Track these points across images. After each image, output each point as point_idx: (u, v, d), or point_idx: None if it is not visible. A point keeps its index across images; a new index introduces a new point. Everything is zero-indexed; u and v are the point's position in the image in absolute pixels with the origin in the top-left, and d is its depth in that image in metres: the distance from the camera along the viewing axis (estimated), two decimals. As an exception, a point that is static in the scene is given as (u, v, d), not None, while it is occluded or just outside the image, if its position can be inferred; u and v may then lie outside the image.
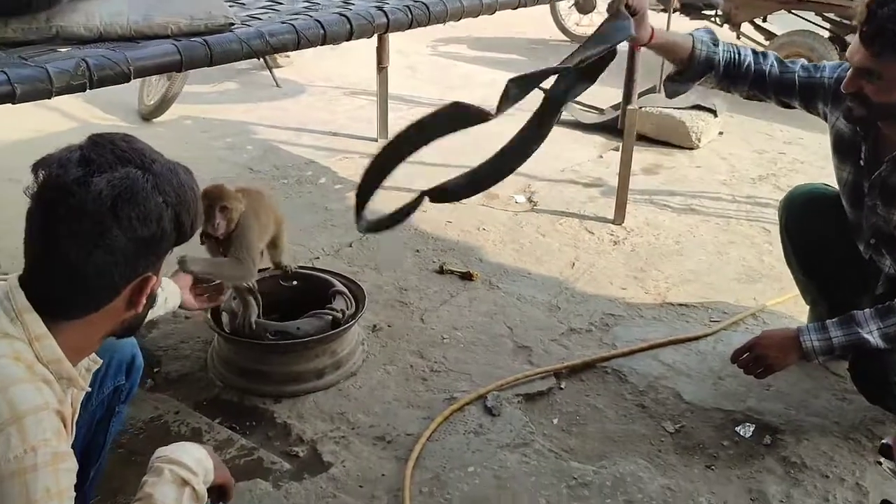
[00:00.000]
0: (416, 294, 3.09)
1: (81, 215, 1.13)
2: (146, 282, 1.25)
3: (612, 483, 2.13)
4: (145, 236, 1.19)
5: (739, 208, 3.97)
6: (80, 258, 1.15)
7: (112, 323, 1.29)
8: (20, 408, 1.08)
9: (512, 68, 6.88)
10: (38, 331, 1.18)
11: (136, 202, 1.16)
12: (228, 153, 4.62)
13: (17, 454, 1.06)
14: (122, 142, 1.22)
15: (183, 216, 1.24)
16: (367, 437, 2.30)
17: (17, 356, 1.13)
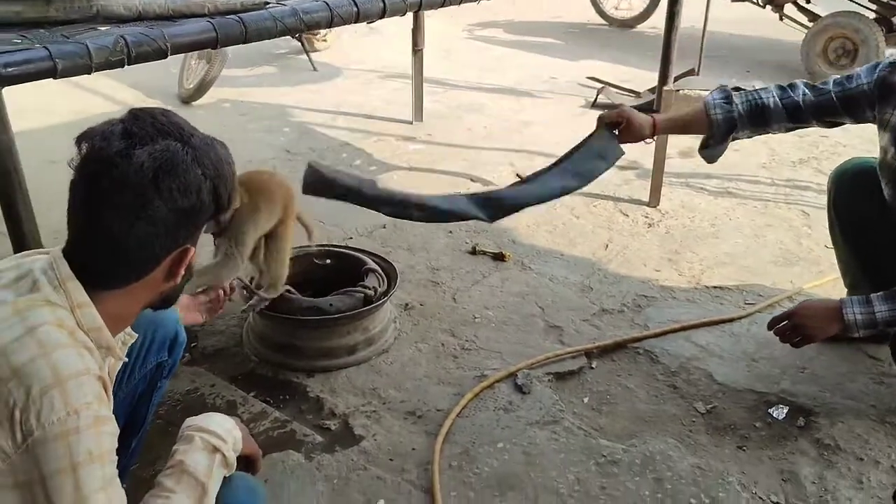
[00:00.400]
0: (449, 274, 3.11)
1: (124, 187, 1.16)
2: (185, 253, 1.27)
3: (642, 461, 2.13)
4: (185, 207, 1.21)
5: (778, 191, 3.91)
6: (123, 229, 1.17)
7: (151, 294, 1.31)
8: (63, 372, 1.11)
9: (548, 52, 6.86)
10: (80, 299, 1.21)
11: (177, 174, 1.18)
12: (265, 135, 4.68)
13: (61, 416, 1.08)
14: (162, 116, 1.24)
15: (220, 188, 1.26)
16: (397, 412, 2.33)
17: (60, 323, 1.16)
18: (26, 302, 1.16)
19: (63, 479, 1.07)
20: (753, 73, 5.90)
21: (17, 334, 1.11)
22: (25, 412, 1.06)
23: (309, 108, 5.23)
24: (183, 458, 1.32)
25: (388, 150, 4.47)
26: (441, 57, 6.55)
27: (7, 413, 1.06)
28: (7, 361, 1.09)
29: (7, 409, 1.06)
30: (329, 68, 6.23)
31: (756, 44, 7.15)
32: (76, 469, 1.08)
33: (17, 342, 1.10)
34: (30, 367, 1.09)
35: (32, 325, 1.13)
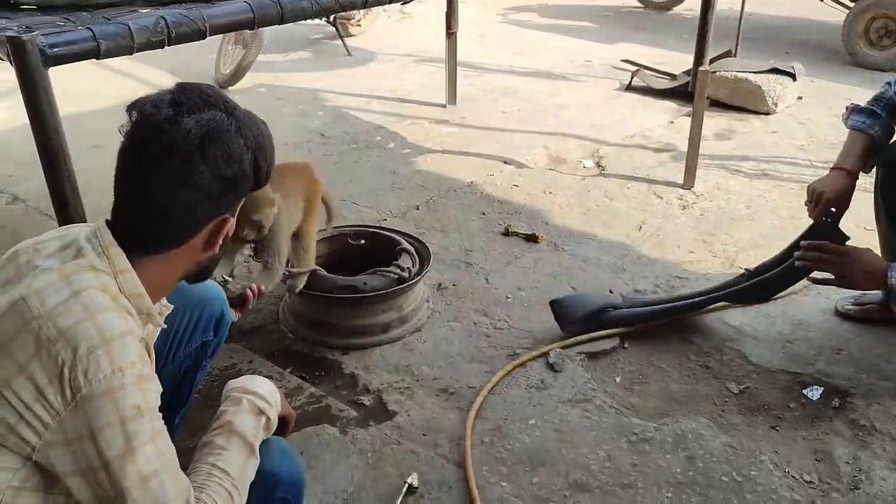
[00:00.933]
0: (482, 255, 3.13)
1: (172, 152, 1.20)
2: (224, 222, 1.31)
3: (674, 439, 2.13)
4: (228, 175, 1.25)
5: (816, 173, 3.85)
6: (169, 194, 1.22)
7: (189, 262, 1.35)
8: (107, 333, 1.15)
9: (582, 35, 6.82)
10: (123, 265, 1.25)
11: (222, 142, 1.23)
12: (300, 119, 4.73)
13: (107, 374, 1.12)
14: (208, 89, 1.30)
15: (261, 161, 1.30)
16: (430, 388, 2.36)
17: (104, 288, 1.21)
18: (72, 267, 1.21)
19: (112, 432, 1.12)
20: (793, 54, 5.80)
21: (63, 298, 1.16)
22: (73, 370, 1.11)
23: (343, 92, 5.27)
24: (231, 418, 1.37)
25: (421, 134, 4.50)
26: (475, 41, 6.55)
27: (56, 371, 1.11)
28: (55, 324, 1.13)
29: (56, 367, 1.11)
30: (363, 53, 6.27)
31: (795, 24, 7.02)
32: (124, 423, 1.13)
33: (64, 305, 1.15)
34: (76, 329, 1.13)
35: (78, 290, 1.17)
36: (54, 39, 1.68)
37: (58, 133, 1.78)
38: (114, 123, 1.30)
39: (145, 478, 1.14)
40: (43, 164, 1.82)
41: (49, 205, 2.00)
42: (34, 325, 1.14)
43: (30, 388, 1.11)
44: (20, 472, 1.15)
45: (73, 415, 1.11)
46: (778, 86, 4.69)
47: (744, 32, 5.30)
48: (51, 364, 1.11)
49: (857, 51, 5.68)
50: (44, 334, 1.13)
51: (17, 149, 4.06)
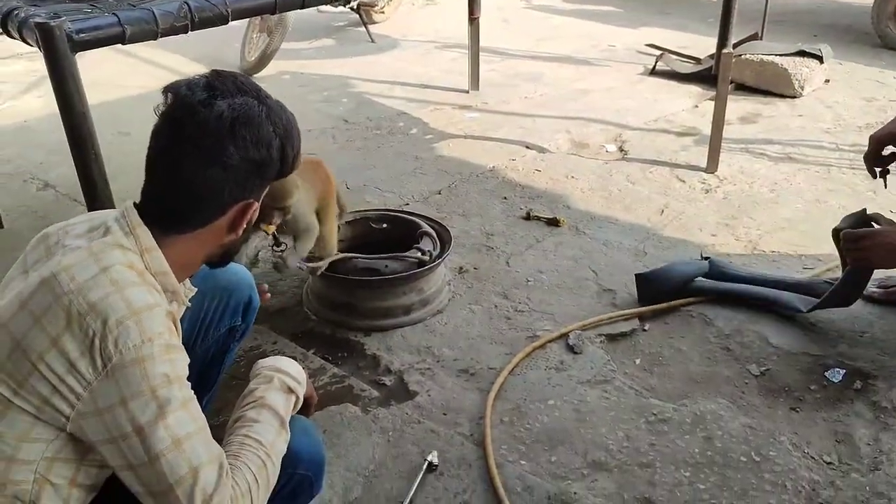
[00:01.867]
0: (503, 239, 3.14)
1: (205, 133, 1.25)
2: (249, 206, 1.35)
3: (692, 420, 2.14)
4: (256, 159, 1.29)
5: (842, 157, 3.82)
6: (199, 173, 1.26)
7: (213, 244, 1.39)
8: (136, 304, 1.19)
9: (606, 20, 6.77)
10: (149, 244, 1.29)
11: (252, 126, 1.27)
12: (325, 105, 4.76)
13: (136, 343, 1.16)
14: (242, 77, 1.35)
15: (288, 148, 1.33)
16: (451, 369, 2.39)
17: (130, 265, 1.25)
18: (99, 245, 1.25)
19: (143, 400, 1.16)
20: (821, 37, 5.72)
21: (92, 273, 1.20)
22: (104, 340, 1.15)
23: (367, 78, 5.30)
24: (263, 394, 1.41)
25: (444, 119, 4.51)
26: (498, 27, 6.53)
27: (87, 343, 1.15)
28: (85, 298, 1.17)
29: (87, 339, 1.15)
30: (386, 40, 6.28)
31: (823, 7, 6.91)
32: (154, 391, 1.17)
33: (93, 280, 1.19)
34: (105, 302, 1.17)
35: (106, 266, 1.22)
36: (81, 25, 1.72)
37: (85, 117, 1.83)
38: (141, 112, 1.34)
39: (178, 441, 1.18)
40: (71, 148, 1.87)
41: (79, 191, 2.05)
42: (65, 300, 1.18)
43: (62, 361, 1.15)
44: (54, 442, 1.19)
45: (104, 384, 1.15)
46: (805, 69, 4.63)
47: (770, 15, 5.23)
48: (82, 336, 1.15)
49: (887, 33, 5.58)
50: (74, 308, 1.17)
51: (48, 137, 4.14)
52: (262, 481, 1.29)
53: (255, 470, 1.29)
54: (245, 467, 1.28)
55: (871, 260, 2.26)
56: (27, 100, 5.01)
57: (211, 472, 1.20)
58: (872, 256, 2.23)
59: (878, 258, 2.23)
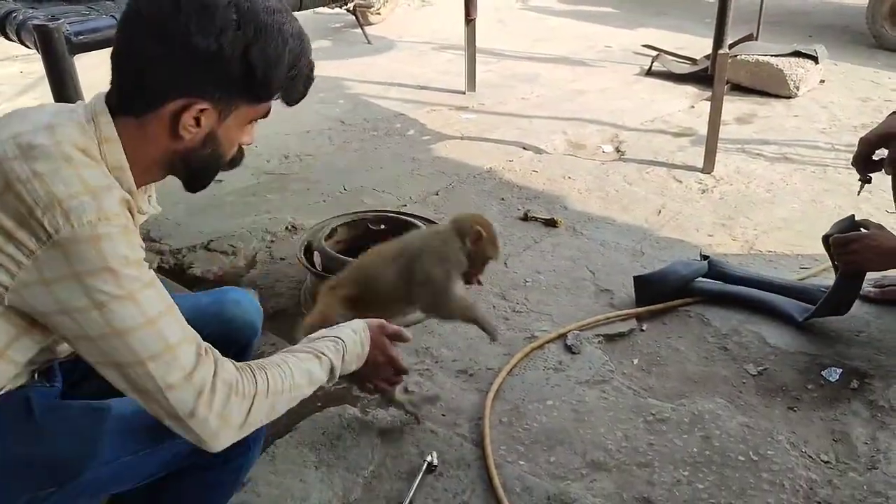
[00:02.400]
0: (500, 240, 3.12)
1: (152, 2, 1.15)
2: (190, 106, 1.19)
3: (690, 420, 2.15)
4: (199, 46, 1.13)
5: (838, 157, 3.83)
6: (139, 45, 1.16)
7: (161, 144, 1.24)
8: (91, 182, 1.12)
9: (603, 21, 6.79)
10: (108, 134, 1.20)
11: (202, 6, 1.13)
12: (321, 107, 4.76)
13: (91, 220, 1.08)
14: None
15: (254, 52, 1.16)
16: (449, 370, 2.39)
17: (85, 149, 1.17)
18: (61, 118, 1.19)
19: (102, 278, 1.09)
20: (816, 37, 5.74)
21: (41, 142, 1.12)
22: (50, 210, 1.07)
23: (363, 80, 5.31)
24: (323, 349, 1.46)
25: (440, 120, 4.52)
26: (495, 27, 6.55)
27: (26, 210, 1.07)
28: (29, 166, 1.10)
29: (25, 207, 1.07)
30: (383, 41, 6.29)
31: (818, 7, 6.94)
32: (114, 270, 1.10)
33: (41, 149, 1.11)
34: (55, 175, 1.10)
35: (59, 140, 1.14)
36: (79, 27, 1.72)
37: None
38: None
39: (151, 320, 1.13)
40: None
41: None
42: (5, 165, 1.10)
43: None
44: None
45: (50, 254, 1.08)
46: (800, 69, 4.65)
47: (766, 16, 5.25)
48: (18, 205, 1.08)
49: (882, 33, 5.60)
50: (14, 175, 1.09)
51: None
52: (268, 399, 1.28)
53: (270, 385, 1.28)
54: (265, 376, 1.27)
55: (860, 263, 2.29)
56: (23, 102, 5.01)
57: (188, 351, 1.17)
58: (862, 259, 2.26)
59: (867, 261, 2.27)
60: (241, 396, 1.23)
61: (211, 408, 1.19)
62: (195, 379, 1.17)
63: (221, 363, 1.24)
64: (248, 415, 1.25)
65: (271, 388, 1.29)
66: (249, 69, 1.17)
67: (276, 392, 1.30)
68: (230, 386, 1.22)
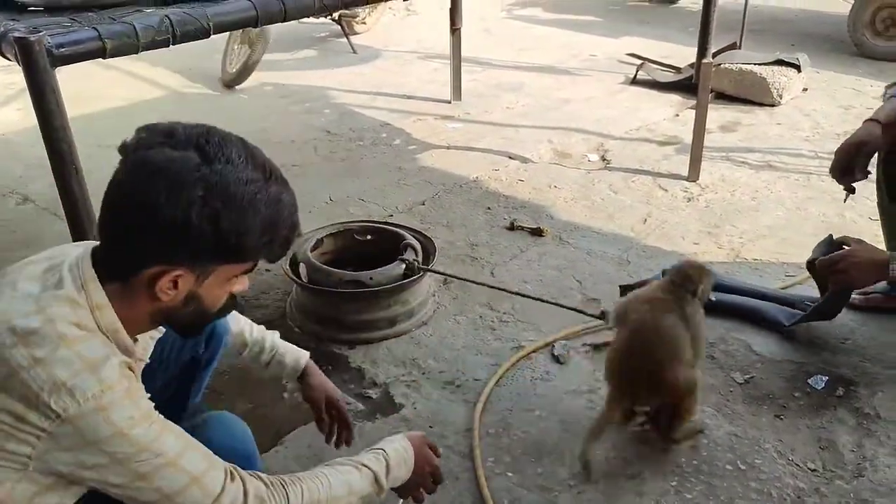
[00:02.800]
0: (487, 249, 3.15)
1: (129, 175, 1.19)
2: (165, 273, 1.22)
3: (678, 429, 2.15)
4: (168, 217, 1.16)
5: (822, 164, 3.85)
6: (118, 214, 1.21)
7: (144, 305, 1.28)
8: (90, 356, 1.17)
9: (588, 30, 6.81)
10: (100, 300, 1.24)
11: (170, 181, 1.16)
12: (307, 117, 4.75)
13: (95, 393, 1.15)
14: (220, 139, 1.22)
15: (224, 223, 1.18)
16: (437, 381, 2.38)
17: (79, 323, 1.21)
18: (49, 298, 1.21)
19: (116, 440, 1.17)
20: (798, 46, 5.78)
21: (36, 326, 1.17)
22: (55, 392, 1.13)
23: (349, 89, 5.30)
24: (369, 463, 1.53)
25: (426, 130, 4.51)
26: (480, 37, 6.56)
27: (33, 395, 1.13)
28: (29, 352, 1.15)
29: (32, 392, 1.13)
30: (368, 51, 6.28)
31: (800, 16, 7.00)
32: (125, 434, 1.17)
33: (38, 335, 1.16)
34: (54, 358, 1.15)
35: (52, 318, 1.18)
36: (61, 39, 1.70)
37: (66, 132, 1.81)
38: (122, 125, 1.32)
39: (171, 461, 1.21)
40: (51, 163, 1.85)
41: (59, 206, 2.03)
42: (5, 352, 1.15)
43: (7, 416, 1.14)
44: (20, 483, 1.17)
45: (63, 429, 1.14)
46: (783, 77, 4.68)
47: (749, 25, 5.29)
48: (24, 391, 1.13)
49: (863, 41, 5.65)
50: (15, 362, 1.14)
51: (27, 150, 4.10)
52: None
53: (305, 497, 1.35)
54: (298, 489, 1.34)
55: (850, 281, 2.30)
56: (6, 113, 4.96)
57: (215, 477, 1.26)
58: (850, 278, 2.28)
59: (854, 279, 2.28)
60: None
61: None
62: (224, 502, 1.26)
63: (250, 481, 1.32)
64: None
65: (306, 500, 1.36)
66: (221, 238, 1.19)
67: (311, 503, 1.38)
68: (261, 501, 1.30)
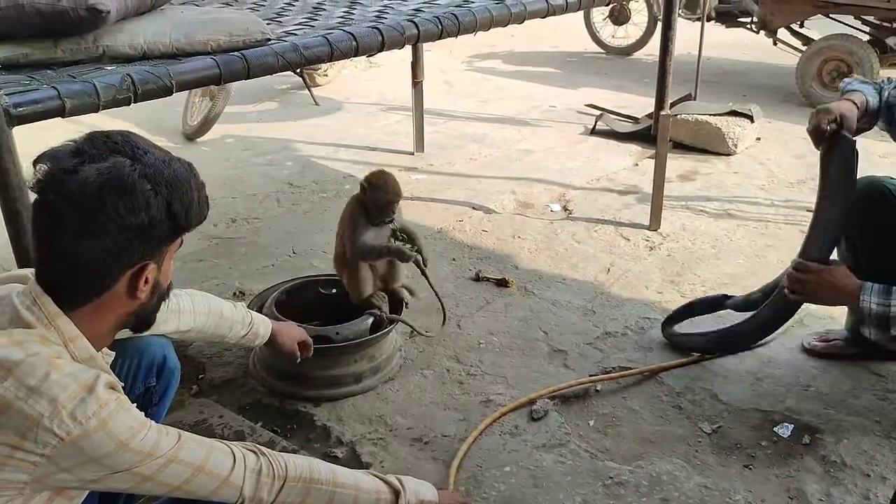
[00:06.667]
0: (453, 301, 3.13)
1: (69, 203, 1.18)
2: (143, 269, 1.28)
3: (649, 482, 2.13)
4: (133, 224, 1.21)
5: (777, 212, 3.94)
6: (73, 246, 1.20)
7: (118, 313, 1.33)
8: (82, 378, 1.20)
9: (547, 81, 6.94)
10: (71, 333, 1.26)
11: (123, 190, 1.19)
12: (269, 169, 4.74)
13: (95, 410, 1.18)
14: (119, 136, 1.27)
15: (175, 205, 1.25)
16: (404, 438, 2.34)
17: (58, 356, 1.23)
18: (21, 335, 1.21)
19: (118, 453, 1.21)
20: (750, 97, 5.95)
21: (20, 357, 1.17)
22: (57, 417, 1.15)
23: (311, 141, 5.30)
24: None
25: (390, 181, 4.51)
26: (441, 89, 6.64)
27: (32, 423, 1.14)
28: (21, 383, 1.16)
29: (31, 420, 1.14)
30: (331, 102, 6.32)
31: (751, 68, 7.22)
32: (126, 445, 1.22)
33: (25, 365, 1.17)
34: (48, 384, 1.16)
35: (33, 351, 1.19)
36: (18, 99, 1.67)
37: (22, 191, 1.76)
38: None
39: (171, 458, 1.28)
40: (6, 224, 1.81)
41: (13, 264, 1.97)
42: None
43: (3, 450, 1.15)
44: (14, 500, 1.20)
45: (63, 452, 1.17)
46: (737, 128, 4.81)
47: (702, 76, 5.44)
48: (21, 420, 1.14)
49: (812, 92, 5.85)
50: (10, 395, 1.15)
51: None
52: (295, 491, 1.45)
53: (299, 476, 1.45)
54: (295, 467, 1.46)
55: (808, 294, 2.27)
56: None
57: (220, 459, 1.35)
58: (812, 291, 2.25)
59: (816, 295, 2.26)
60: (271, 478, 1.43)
61: None
62: (232, 479, 1.36)
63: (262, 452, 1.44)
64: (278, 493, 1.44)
65: (304, 475, 1.48)
66: (174, 220, 1.27)
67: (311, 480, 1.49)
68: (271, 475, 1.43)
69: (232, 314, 2.02)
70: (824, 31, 6.04)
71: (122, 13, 2.09)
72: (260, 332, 2.10)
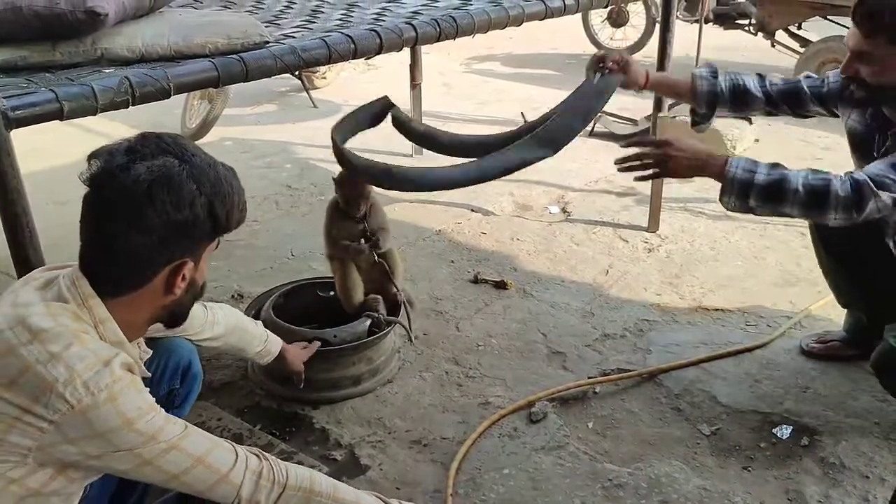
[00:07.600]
0: (451, 303, 3.13)
1: (121, 197, 1.26)
2: (182, 266, 1.35)
3: (648, 484, 2.13)
4: (178, 220, 1.29)
5: (776, 214, 3.94)
6: (121, 238, 1.28)
7: (154, 306, 1.40)
8: (102, 353, 1.25)
9: (545, 83, 6.94)
10: (102, 315, 1.32)
11: (171, 187, 1.27)
12: (268, 171, 4.74)
13: (108, 383, 1.22)
14: (168, 137, 1.35)
15: (217, 206, 1.33)
16: (403, 441, 2.34)
17: (86, 331, 1.29)
18: (56, 308, 1.28)
19: (124, 431, 1.23)
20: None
21: (49, 326, 1.24)
22: (70, 384, 1.19)
23: (310, 144, 5.30)
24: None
25: (388, 184, 4.51)
26: (440, 91, 6.64)
27: (46, 386, 1.18)
28: (44, 348, 1.21)
29: (46, 384, 1.19)
30: (329, 105, 6.31)
31: (749, 69, 7.21)
32: (132, 423, 1.24)
33: (51, 332, 1.23)
34: (69, 352, 1.22)
35: (63, 322, 1.26)
36: (16, 102, 1.67)
37: (20, 195, 1.77)
38: (78, 181, 1.32)
39: (173, 445, 1.29)
40: (4, 226, 1.80)
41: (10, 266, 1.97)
42: (21, 350, 1.21)
43: (12, 408, 1.19)
44: (16, 468, 1.22)
45: (72, 421, 1.19)
46: (735, 129, 4.81)
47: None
48: (39, 382, 1.19)
49: (810, 94, 5.84)
50: (32, 357, 1.20)
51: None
52: (294, 500, 1.44)
53: (299, 486, 1.44)
54: (297, 476, 1.44)
55: (669, 166, 2.14)
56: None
57: (221, 455, 1.35)
58: (675, 165, 2.13)
59: (680, 168, 2.13)
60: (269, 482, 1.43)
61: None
62: (231, 477, 1.36)
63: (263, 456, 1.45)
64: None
65: (305, 486, 1.47)
66: (215, 220, 1.34)
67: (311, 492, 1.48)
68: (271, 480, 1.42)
69: (253, 329, 2.16)
70: (822, 33, 6.04)
71: (121, 16, 2.09)
72: (272, 349, 2.23)
